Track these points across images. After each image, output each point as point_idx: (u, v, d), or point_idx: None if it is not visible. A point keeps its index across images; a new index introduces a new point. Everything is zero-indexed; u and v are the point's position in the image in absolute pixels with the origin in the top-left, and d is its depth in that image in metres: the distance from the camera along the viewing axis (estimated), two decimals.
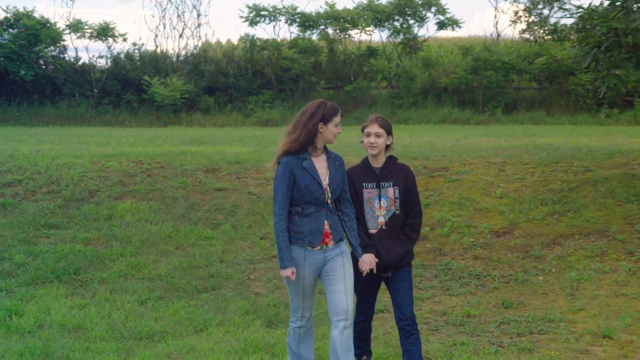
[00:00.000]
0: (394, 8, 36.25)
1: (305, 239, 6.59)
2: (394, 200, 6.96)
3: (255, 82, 34.84)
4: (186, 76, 34.33)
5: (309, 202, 6.59)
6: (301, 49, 35.21)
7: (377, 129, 6.92)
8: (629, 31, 12.88)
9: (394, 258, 6.87)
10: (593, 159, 15.31)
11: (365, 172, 7.03)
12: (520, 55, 34.31)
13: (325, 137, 6.72)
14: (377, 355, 7.67)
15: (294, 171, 6.58)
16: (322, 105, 6.72)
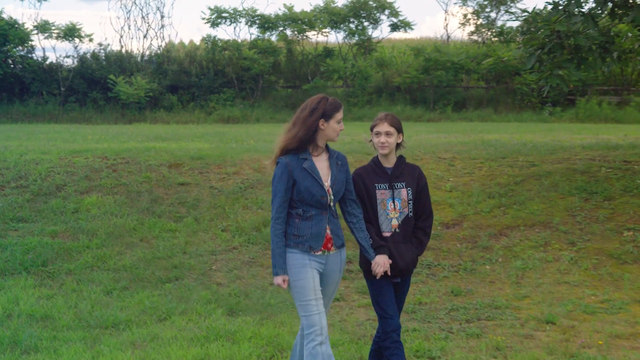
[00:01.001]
0: (349, 10, 36.34)
1: (305, 243, 5.89)
2: (407, 202, 6.32)
3: (217, 81, 34.76)
4: (150, 75, 34.19)
5: (310, 204, 5.91)
6: (261, 49, 35.17)
7: (388, 128, 6.26)
8: (570, 34, 13.00)
9: (407, 263, 6.26)
10: (537, 154, 15.43)
11: (377, 172, 6.35)
12: (469, 56, 34.55)
13: (327, 135, 6.05)
14: (333, 342, 7.68)
15: (293, 173, 5.89)
16: (324, 100, 6.08)
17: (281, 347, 7.54)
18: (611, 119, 30.07)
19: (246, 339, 7.78)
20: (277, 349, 7.48)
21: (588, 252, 10.84)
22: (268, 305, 9.23)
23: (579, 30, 13.01)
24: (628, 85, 33.94)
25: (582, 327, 8.31)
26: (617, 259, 10.54)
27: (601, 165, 14.21)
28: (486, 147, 16.68)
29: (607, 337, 7.92)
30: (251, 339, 7.78)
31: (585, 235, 11.29)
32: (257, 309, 9.04)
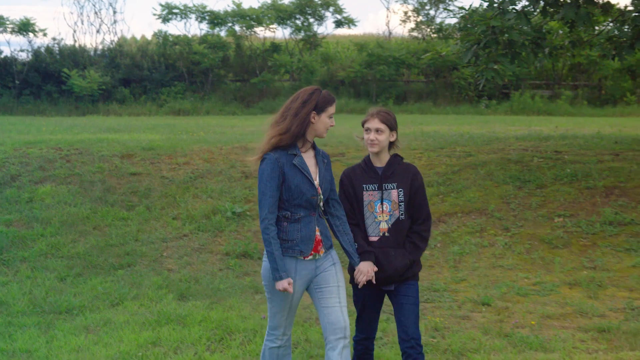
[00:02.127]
0: (295, 7, 36.33)
1: (295, 248, 5.26)
2: (398, 204, 5.58)
3: (168, 74, 34.56)
4: (103, 69, 33.89)
5: (299, 205, 5.26)
6: (210, 44, 35.05)
7: (378, 125, 5.55)
8: (504, 29, 13.10)
9: (397, 269, 5.51)
10: (474, 145, 15.55)
11: (367, 172, 5.65)
12: (410, 52, 34.76)
13: (317, 130, 5.37)
14: None
15: (283, 169, 5.22)
16: (317, 92, 5.41)
17: (230, 330, 7.50)
18: (543, 112, 30.45)
19: (196, 322, 7.72)
20: (226, 332, 7.45)
21: (521, 237, 10.95)
22: (217, 290, 9.18)
23: (512, 27, 13.13)
24: (559, 80, 34.39)
25: (515, 308, 8.39)
26: (548, 243, 10.66)
27: (534, 155, 14.37)
28: (425, 138, 16.77)
29: (539, 318, 8.01)
30: (201, 322, 7.74)
31: (519, 222, 11.40)
32: (207, 294, 8.99)
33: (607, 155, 14.22)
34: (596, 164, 13.43)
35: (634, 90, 32.76)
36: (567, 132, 18.54)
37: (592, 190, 12.14)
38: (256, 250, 10.79)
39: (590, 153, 14.46)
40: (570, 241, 10.69)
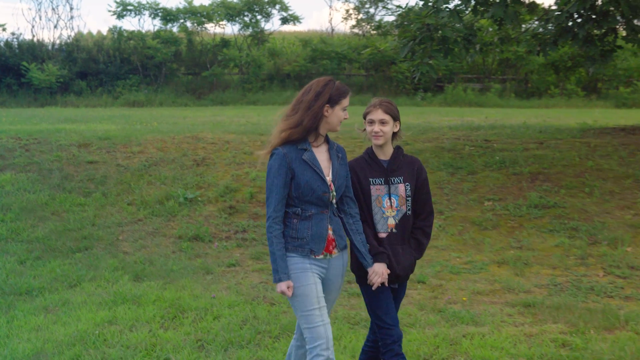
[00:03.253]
0: (243, 5, 36.21)
1: (305, 247, 4.69)
2: (405, 199, 5.05)
3: (123, 68, 34.22)
4: (61, 62, 33.46)
5: (310, 202, 4.69)
6: (163, 39, 34.79)
7: (382, 115, 5.00)
8: (438, 27, 13.23)
9: (405, 267, 5.05)
10: (410, 134, 15.64)
11: (371, 165, 5.08)
12: (351, 47, 34.88)
13: (330, 123, 4.81)
14: (229, 303, 7.65)
15: (292, 165, 4.66)
16: (330, 83, 4.85)
17: (182, 308, 7.46)
18: (474, 103, 30.74)
19: (150, 302, 7.67)
20: (179, 310, 7.41)
21: (454, 220, 11.05)
22: (170, 271, 9.12)
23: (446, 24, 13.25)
24: (489, 74, 34.72)
25: (448, 285, 8.47)
26: (479, 225, 10.77)
27: (465, 143, 14.50)
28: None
29: (470, 294, 8.09)
30: (155, 301, 7.68)
31: (452, 205, 11.50)
32: (161, 275, 8.93)
33: (532, 144, 14.41)
34: (522, 152, 13.60)
35: (557, 84, 33.23)
36: (496, 123, 18.73)
37: (518, 176, 12.30)
38: (207, 234, 10.74)
39: (517, 142, 14.64)
40: (499, 223, 10.82)
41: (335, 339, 6.51)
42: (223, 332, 6.66)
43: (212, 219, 11.41)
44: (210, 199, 12.12)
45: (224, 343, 6.39)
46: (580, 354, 6.15)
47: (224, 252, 10.11)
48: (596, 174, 12.20)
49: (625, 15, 12.23)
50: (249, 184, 12.62)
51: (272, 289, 8.31)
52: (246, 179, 12.83)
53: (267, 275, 8.97)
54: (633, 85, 31.77)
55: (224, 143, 14.81)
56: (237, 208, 11.81)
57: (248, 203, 11.99)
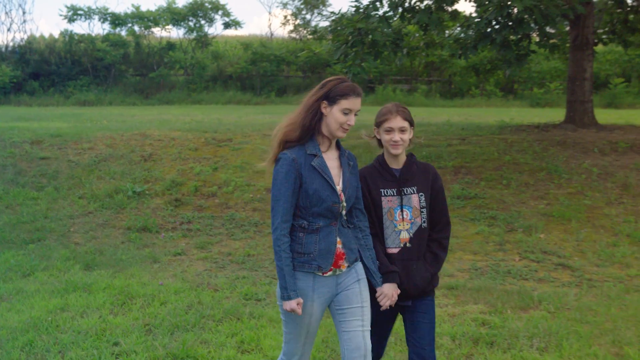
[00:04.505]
0: (188, 10, 35.98)
1: (312, 263, 3.98)
2: (420, 210, 4.34)
3: (74, 69, 33.63)
4: (14, 64, 32.73)
5: (318, 213, 3.97)
6: (112, 42, 34.31)
7: (402, 123, 4.27)
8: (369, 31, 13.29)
9: (418, 284, 4.31)
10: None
11: (383, 174, 4.35)
12: (289, 51, 34.86)
13: (327, 125, 4.01)
14: (176, 289, 7.57)
15: (300, 171, 3.93)
16: (335, 80, 4.07)
17: (131, 295, 7.36)
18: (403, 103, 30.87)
19: (101, 289, 7.56)
20: (128, 297, 7.31)
21: None
22: (120, 260, 9.00)
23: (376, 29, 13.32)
24: (416, 76, 35.02)
25: None
26: None
27: None
28: None
29: None
30: (105, 289, 7.57)
31: None
32: (111, 264, 8.80)
33: (455, 140, 14.57)
34: (446, 147, 13.75)
35: (477, 85, 33.68)
36: (422, 121, 18.89)
37: (443, 170, 12.42)
38: (154, 225, 10.63)
39: (442, 138, 14.79)
40: None
41: (274, 321, 6.50)
42: (169, 317, 6.60)
43: (159, 211, 11.30)
44: (157, 192, 12.00)
45: (170, 327, 6.33)
46: (498, 331, 6.24)
47: (170, 242, 10.02)
48: (513, 168, 12.39)
49: (539, 23, 12.44)
50: (194, 178, 12.54)
51: (216, 276, 8.26)
52: (191, 173, 12.74)
53: (211, 264, 8.92)
54: (545, 86, 32.34)
55: (170, 140, 14.66)
56: (183, 201, 11.72)
57: (193, 196, 11.91)
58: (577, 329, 6.32)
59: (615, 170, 12.03)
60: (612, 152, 12.98)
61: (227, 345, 5.89)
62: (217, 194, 12.07)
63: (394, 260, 4.26)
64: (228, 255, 9.38)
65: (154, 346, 5.84)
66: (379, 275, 4.20)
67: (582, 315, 6.75)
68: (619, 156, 12.73)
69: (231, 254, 9.41)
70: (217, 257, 9.26)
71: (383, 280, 4.22)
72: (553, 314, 6.81)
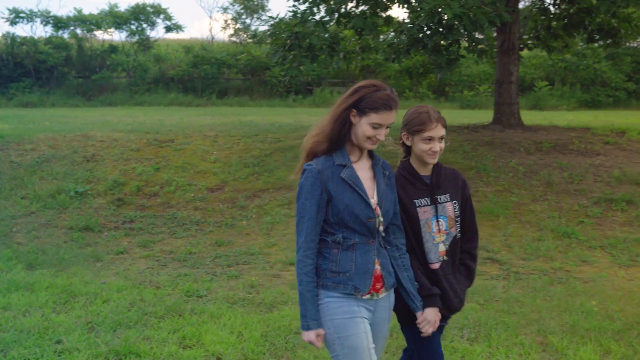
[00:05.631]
0: (130, 14, 35.47)
1: (348, 283, 3.43)
2: (455, 220, 3.89)
3: (16, 71, 32.82)
4: None
5: (353, 229, 3.44)
6: (55, 45, 33.58)
7: (442, 131, 3.82)
8: (306, 35, 13.32)
9: (461, 300, 3.90)
10: (283, 132, 15.67)
11: (413, 183, 3.85)
12: (230, 54, 34.68)
13: (356, 135, 3.51)
14: (118, 287, 7.47)
15: (327, 184, 3.43)
16: (369, 87, 3.52)
17: (74, 294, 7.23)
18: None
19: (43, 288, 7.40)
20: (71, 295, 7.18)
21: None
22: (62, 259, 8.84)
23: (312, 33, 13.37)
24: (352, 79, 35.15)
25: None
26: None
27: None
28: (243, 126, 16.75)
29: None
30: (48, 288, 7.42)
31: None
32: (53, 263, 8.64)
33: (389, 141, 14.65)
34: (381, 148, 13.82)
35: (411, 88, 33.99)
36: None
37: None
38: (97, 225, 10.48)
39: None
40: None
41: (215, 317, 6.47)
42: (112, 314, 6.51)
43: (102, 211, 11.13)
44: (99, 192, 11.82)
45: (112, 324, 6.24)
46: None
47: (112, 241, 9.88)
48: None
49: (467, 29, 12.63)
50: (136, 178, 12.39)
51: (158, 274, 8.17)
52: (133, 173, 12.59)
53: (153, 262, 8.83)
54: (475, 89, 32.83)
55: (112, 141, 14.45)
56: (125, 200, 11.56)
57: (135, 196, 11.76)
58: (504, 320, 6.43)
59: (539, 168, 12.28)
60: (537, 151, 13.24)
61: (169, 341, 5.84)
62: (159, 194, 11.95)
63: (437, 276, 3.78)
64: (170, 253, 9.30)
65: (97, 343, 5.75)
66: (418, 299, 3.67)
67: (510, 307, 6.88)
68: (543, 155, 13.00)
69: (173, 252, 9.32)
70: (159, 255, 9.17)
71: (424, 304, 3.68)
72: (482, 306, 6.92)
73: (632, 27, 16.46)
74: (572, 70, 32.79)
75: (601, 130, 14.95)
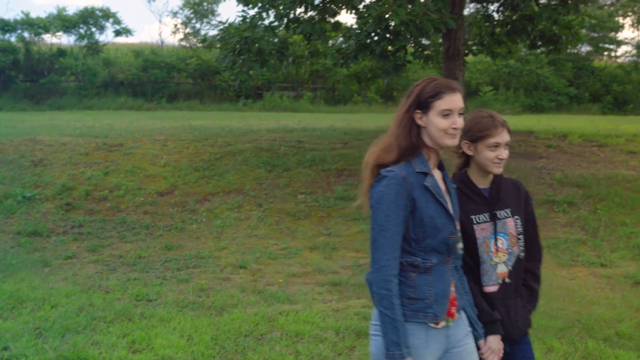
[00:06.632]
0: (79, 18, 34.95)
1: (428, 311, 3.03)
2: (517, 237, 3.46)
3: None
4: None
5: (431, 247, 3.04)
6: (1, 48, 32.87)
7: (508, 137, 3.43)
8: (255, 40, 13.31)
9: (520, 326, 3.47)
10: (233, 136, 15.62)
11: (471, 197, 3.44)
12: (180, 58, 34.43)
13: (430, 136, 3.11)
14: (67, 292, 7.35)
15: (412, 193, 3.00)
16: (424, 82, 3.15)
17: (21, 299, 7.09)
18: (289, 109, 31.07)
19: None
20: (18, 301, 7.04)
21: (272, 211, 11.14)
22: (10, 265, 8.66)
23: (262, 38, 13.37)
24: (302, 83, 35.22)
25: (267, 269, 8.53)
26: (293, 216, 10.92)
27: (281, 144, 14.65)
28: (193, 131, 16.65)
29: (286, 276, 8.19)
30: None
31: (270, 199, 11.60)
32: (0, 269, 8.46)
33: (338, 144, 14.75)
34: (330, 151, 13.90)
35: (359, 92, 34.18)
36: (307, 126, 19.02)
37: (327, 172, 12.56)
38: (45, 229, 10.30)
39: (325, 142, 14.94)
40: (310, 213, 11.01)
41: (165, 320, 6.42)
42: (60, 320, 6.40)
43: (50, 216, 10.95)
44: (47, 197, 11.62)
45: (61, 330, 6.14)
46: None
47: (61, 246, 9.72)
48: None
49: (414, 35, 12.76)
50: (85, 182, 12.22)
51: (107, 278, 8.06)
52: (82, 177, 12.40)
53: (102, 266, 8.71)
54: None
55: (60, 145, 14.22)
56: (74, 205, 11.40)
57: (84, 200, 11.60)
58: None
59: None
60: None
61: (118, 346, 5.77)
62: (108, 198, 11.80)
63: (493, 300, 3.40)
64: (119, 257, 9.19)
65: (45, 349, 5.65)
66: (480, 325, 3.30)
67: None
68: None
69: (122, 257, 9.21)
70: (108, 260, 9.06)
71: (486, 331, 3.33)
72: None
73: (573, 34, 16.83)
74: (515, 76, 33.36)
75: (544, 134, 15.23)
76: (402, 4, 12.18)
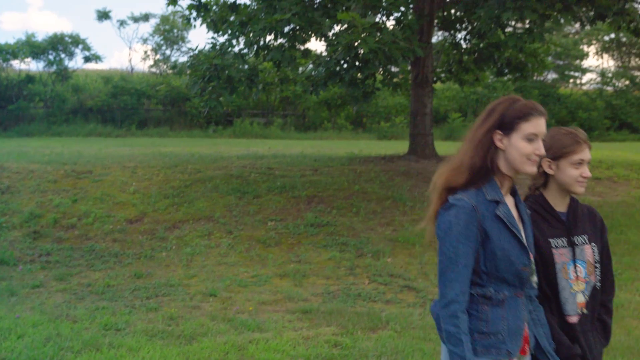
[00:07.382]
0: (48, 44, 34.81)
1: (501, 347, 2.83)
2: (594, 266, 3.26)
3: None
4: None
5: (504, 279, 2.86)
6: None
7: (590, 155, 3.25)
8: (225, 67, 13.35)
9: None
10: (203, 163, 15.57)
11: (549, 220, 3.24)
12: (150, 84, 34.38)
13: (509, 160, 2.89)
14: (34, 322, 7.23)
15: (484, 224, 2.83)
16: (507, 102, 2.95)
17: None
18: (260, 136, 31.10)
19: None
20: None
21: (242, 238, 11.09)
22: None
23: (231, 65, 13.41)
24: (272, 110, 35.29)
25: (237, 297, 8.47)
26: (263, 243, 10.87)
27: (251, 171, 14.62)
28: (163, 157, 16.57)
29: (256, 304, 8.14)
30: None
31: (240, 226, 11.54)
32: None
33: (308, 171, 14.76)
34: (300, 178, 13.90)
35: (329, 119, 34.34)
36: (278, 152, 19.03)
37: (297, 199, 12.55)
38: (12, 258, 10.12)
39: (296, 169, 14.94)
40: (281, 240, 10.98)
41: (133, 350, 6.33)
42: (26, 350, 6.28)
43: (17, 244, 10.80)
44: (14, 225, 11.46)
45: None
46: (349, 352, 6.34)
47: (28, 275, 9.57)
48: (362, 196, 12.67)
49: (382, 63, 12.88)
50: (53, 210, 12.07)
51: (75, 307, 7.95)
52: (50, 205, 12.26)
53: (70, 295, 8.58)
54: (391, 120, 33.42)
55: (28, 172, 14.06)
56: (42, 233, 11.25)
57: (52, 228, 11.45)
58: (421, 347, 6.50)
59: None
60: None
61: None
62: (76, 226, 11.67)
63: (575, 332, 3.16)
64: (88, 286, 9.06)
65: None
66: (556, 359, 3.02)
67: (426, 334, 6.96)
68: None
69: (91, 285, 9.09)
70: (76, 289, 8.93)
71: None
72: (399, 333, 6.98)
73: (538, 62, 17.11)
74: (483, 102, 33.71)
75: None
76: (371, 33, 12.30)
